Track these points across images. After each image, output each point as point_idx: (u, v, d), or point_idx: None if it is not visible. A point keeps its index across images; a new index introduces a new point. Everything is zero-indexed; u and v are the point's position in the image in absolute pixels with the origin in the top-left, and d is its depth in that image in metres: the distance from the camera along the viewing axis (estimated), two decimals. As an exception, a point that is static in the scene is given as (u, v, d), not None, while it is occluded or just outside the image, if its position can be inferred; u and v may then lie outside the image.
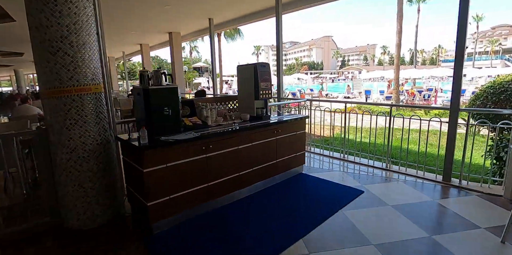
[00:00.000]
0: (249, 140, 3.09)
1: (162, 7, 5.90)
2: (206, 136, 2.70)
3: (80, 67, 2.52)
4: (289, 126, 3.52)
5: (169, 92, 2.67)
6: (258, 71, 3.29)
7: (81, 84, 2.54)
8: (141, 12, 6.24)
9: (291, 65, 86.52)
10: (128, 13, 6.30)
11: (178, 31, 8.47)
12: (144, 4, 5.66)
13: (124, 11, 6.12)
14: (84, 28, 2.52)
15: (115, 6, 5.69)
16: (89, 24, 2.56)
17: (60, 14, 2.40)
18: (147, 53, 11.14)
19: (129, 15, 6.52)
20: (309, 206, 2.95)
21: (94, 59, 2.62)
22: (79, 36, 2.49)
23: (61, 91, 2.49)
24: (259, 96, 3.35)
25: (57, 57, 2.44)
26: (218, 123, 3.17)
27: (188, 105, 3.21)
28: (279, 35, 5.07)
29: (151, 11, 6.24)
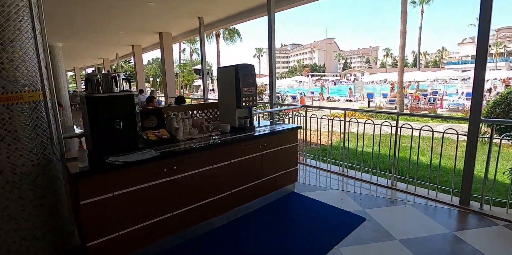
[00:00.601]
0: (227, 157, 2.56)
1: (146, 4, 5.41)
2: (169, 155, 2.18)
3: (6, 71, 2.00)
4: (278, 138, 2.99)
5: (122, 101, 2.14)
6: (239, 74, 2.76)
7: (8, 92, 2.02)
8: (125, 9, 5.76)
9: (293, 68, 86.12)
10: (113, 11, 5.83)
11: (168, 32, 7.99)
12: (125, 1, 5.18)
13: (108, 8, 5.64)
14: (11, 22, 2.00)
15: (95, 1, 5.21)
16: (19, 17, 2.05)
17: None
18: (140, 55, 10.68)
19: (113, 13, 6.04)
20: (297, 240, 2.40)
21: (28, 60, 2.11)
22: (4, 32, 1.98)
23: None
24: (241, 104, 2.82)
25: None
26: (190, 137, 2.64)
27: (155, 115, 2.68)
28: (272, 34, 4.56)
29: (135, 9, 5.76)
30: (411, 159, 3.55)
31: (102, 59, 15.16)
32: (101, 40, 9.35)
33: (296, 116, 4.50)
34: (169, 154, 2.19)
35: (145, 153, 2.14)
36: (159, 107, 2.77)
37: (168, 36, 8.09)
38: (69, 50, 10.81)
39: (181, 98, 4.63)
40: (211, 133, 2.78)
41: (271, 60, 4.58)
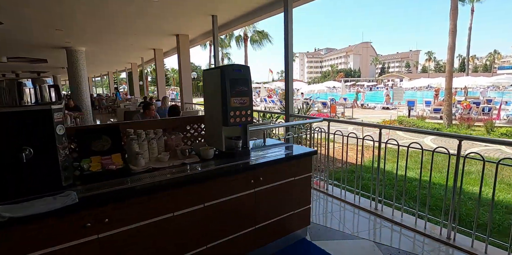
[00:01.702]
0: (201, 198, 1.76)
1: (151, 2, 4.87)
2: (96, 200, 1.43)
3: None
4: (281, 169, 2.13)
5: (31, 119, 1.44)
6: (226, 79, 1.97)
7: None
8: (136, 9, 5.30)
9: (326, 73, 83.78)
10: (127, 11, 5.40)
11: (185, 34, 7.48)
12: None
13: (120, 9, 5.22)
14: None
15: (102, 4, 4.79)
16: None
17: None
18: (161, 59, 10.38)
19: (128, 14, 5.62)
20: None
21: None
22: None
23: None
24: (229, 121, 2.01)
25: None
26: (151, 167, 1.88)
27: (110, 135, 1.97)
28: (288, 31, 3.74)
29: (147, 9, 5.27)
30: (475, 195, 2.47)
31: (130, 63, 15.31)
32: (123, 44, 9.14)
33: (316, 132, 3.58)
34: (97, 198, 1.44)
35: (61, 197, 1.41)
36: (114, 123, 2.05)
37: (185, 39, 7.58)
38: (94, 54, 10.84)
39: (175, 108, 3.93)
40: (185, 160, 2.01)
41: (287, 61, 3.74)
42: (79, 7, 5.06)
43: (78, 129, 1.88)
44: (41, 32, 6.90)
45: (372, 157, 3.16)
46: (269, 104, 21.12)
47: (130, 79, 18.09)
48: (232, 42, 25.21)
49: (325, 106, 18.08)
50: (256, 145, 2.55)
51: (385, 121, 12.27)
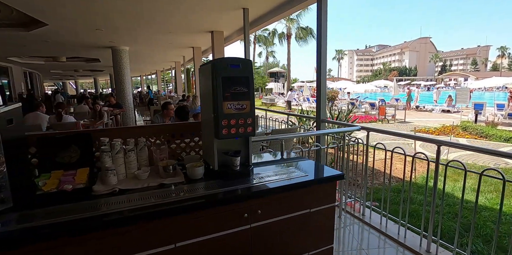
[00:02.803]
0: (169, 236, 1.32)
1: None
2: (8, 239, 1.07)
3: None
4: (291, 198, 1.59)
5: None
6: (217, 76, 1.49)
7: None
8: (166, 6, 5.12)
9: (378, 71, 78.58)
10: (163, 8, 5.27)
11: (220, 30, 7.19)
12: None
13: (149, 8, 5.10)
14: None
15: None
16: None
17: None
18: (199, 57, 10.32)
19: (158, 12, 5.50)
20: None
21: None
22: None
23: None
24: (220, 132, 1.54)
25: None
26: (118, 189, 1.49)
27: (79, 144, 1.63)
28: (322, 22, 3.13)
29: (175, 5, 5.05)
30: None
31: (174, 62, 15.72)
32: (163, 42, 9.23)
33: (352, 142, 2.92)
34: (9, 237, 1.08)
35: (-22, 231, 1.07)
36: (85, 131, 1.70)
37: (220, 35, 7.29)
38: (139, 53, 11.21)
39: (182, 109, 3.52)
40: (165, 180, 1.58)
41: (319, 57, 3.14)
42: (113, 5, 5.02)
43: (40, 137, 1.57)
44: (85, 33, 7.18)
45: (426, 172, 2.43)
46: (312, 104, 20.17)
47: (175, 77, 18.70)
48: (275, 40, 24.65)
49: (373, 107, 16.61)
50: (265, 161, 2.03)
51: (445, 127, 10.68)
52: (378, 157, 3.74)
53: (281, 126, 4.47)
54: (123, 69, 9.68)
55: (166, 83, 27.65)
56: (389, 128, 11.39)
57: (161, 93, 19.51)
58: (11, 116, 1.35)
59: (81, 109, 7.90)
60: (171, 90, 22.44)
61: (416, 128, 9.10)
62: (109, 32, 7.25)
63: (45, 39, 7.85)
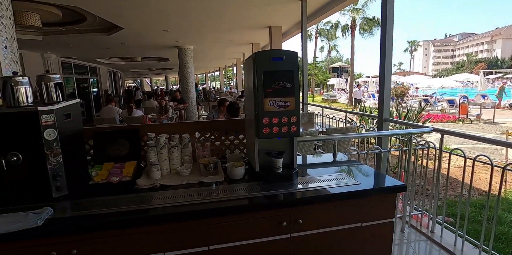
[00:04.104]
0: (203, 238, 1.27)
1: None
2: (58, 227, 1.14)
3: None
4: (339, 208, 1.40)
5: (16, 122, 1.26)
6: (259, 70, 1.38)
7: None
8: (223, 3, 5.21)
9: (460, 63, 68.74)
10: (214, 7, 5.42)
11: (277, 25, 7.04)
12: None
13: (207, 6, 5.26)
14: None
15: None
16: None
17: None
18: (258, 53, 10.34)
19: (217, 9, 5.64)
20: None
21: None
22: None
23: None
24: (261, 131, 1.42)
25: None
26: (159, 184, 1.50)
27: (128, 139, 1.70)
28: (388, 8, 2.74)
29: (232, 1, 5.10)
30: None
31: (235, 59, 16.16)
32: (224, 40, 9.52)
33: (422, 146, 2.51)
34: (65, 224, 1.15)
35: (34, 214, 1.17)
36: (133, 126, 1.76)
37: (278, 30, 7.15)
38: (202, 51, 11.80)
39: (233, 106, 3.45)
40: (204, 179, 1.54)
41: (383, 48, 2.77)
42: (178, 7, 5.30)
43: (96, 131, 1.68)
44: (154, 34, 7.80)
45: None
46: (377, 101, 18.67)
47: (236, 74, 19.28)
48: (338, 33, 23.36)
49: (452, 105, 14.52)
50: (314, 163, 1.85)
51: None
52: (454, 163, 3.20)
53: (338, 125, 4.15)
54: (187, 67, 10.31)
55: (228, 80, 28.76)
56: (472, 130, 9.79)
57: (223, 89, 20.34)
58: (69, 111, 1.45)
59: (150, 104, 8.69)
60: (231, 87, 23.26)
61: (509, 131, 7.59)
62: (175, 32, 7.74)
63: (123, 41, 8.80)
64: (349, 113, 4.75)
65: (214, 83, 37.30)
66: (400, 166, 2.59)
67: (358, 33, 19.47)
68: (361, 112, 5.89)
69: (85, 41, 8.45)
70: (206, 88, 26.53)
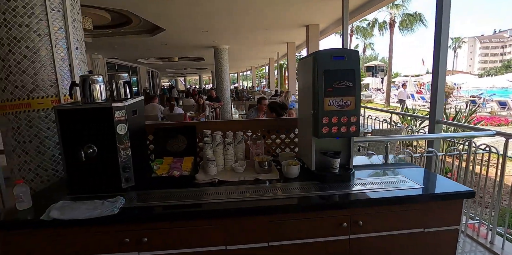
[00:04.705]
0: (263, 234, 1.29)
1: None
2: (134, 215, 1.22)
3: (14, 74, 1.68)
4: (401, 212, 1.35)
5: (94, 116, 1.37)
6: (319, 69, 1.37)
7: (15, 98, 1.70)
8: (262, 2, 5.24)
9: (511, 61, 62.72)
10: (253, 7, 5.48)
11: (315, 23, 6.94)
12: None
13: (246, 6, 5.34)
14: (18, 16, 1.64)
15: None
16: (29, 11, 1.66)
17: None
18: (293, 53, 10.28)
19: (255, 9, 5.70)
20: None
21: (39, 61, 1.72)
22: (11, 30, 1.65)
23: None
24: (320, 131, 1.41)
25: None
26: (217, 180, 1.55)
27: (185, 134, 1.77)
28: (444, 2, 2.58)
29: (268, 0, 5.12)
30: None
31: (268, 58, 16.20)
32: (259, 39, 9.58)
33: (482, 151, 2.34)
34: (136, 212, 1.23)
35: (109, 202, 1.27)
36: (191, 122, 1.83)
37: (315, 29, 7.05)
38: (237, 51, 11.98)
39: (278, 104, 3.44)
40: (260, 176, 1.57)
41: (438, 44, 2.61)
42: (216, 7, 5.43)
43: (157, 127, 1.78)
44: (193, 34, 8.06)
45: None
46: (417, 101, 17.66)
47: (268, 73, 19.31)
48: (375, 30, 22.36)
49: (504, 107, 13.34)
50: (368, 165, 1.80)
51: None
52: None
53: (382, 126, 3.99)
54: (223, 67, 10.53)
55: (260, 79, 28.94)
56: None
57: (255, 88, 20.48)
58: (136, 107, 1.55)
59: (188, 102, 8.99)
60: (264, 86, 23.33)
61: None
62: (213, 32, 7.94)
63: (163, 42, 9.20)
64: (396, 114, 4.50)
65: (246, 83, 37.64)
66: (455, 171, 2.43)
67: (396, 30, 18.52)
68: (411, 114, 5.58)
69: (129, 42, 8.95)
70: (238, 87, 26.88)
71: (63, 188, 1.51)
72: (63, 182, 1.65)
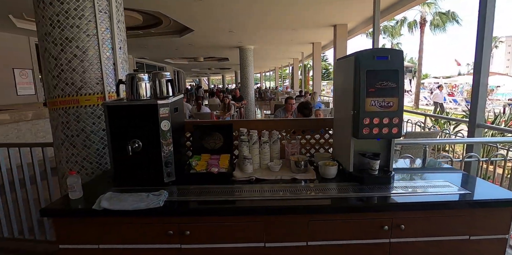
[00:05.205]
0: (302, 233, 1.29)
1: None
2: (178, 209, 1.27)
3: (65, 72, 1.80)
4: (444, 218, 1.30)
5: (140, 113, 1.43)
6: (361, 70, 1.35)
7: (66, 95, 1.82)
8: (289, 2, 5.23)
9: (555, 62, 58.09)
10: (279, 7, 5.48)
11: (343, 23, 6.81)
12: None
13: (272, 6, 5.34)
14: (70, 18, 1.76)
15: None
16: (80, 13, 1.77)
17: (44, 4, 1.76)
18: (319, 53, 10.15)
19: (281, 9, 5.69)
20: None
21: (87, 60, 1.83)
22: (63, 31, 1.76)
23: (50, 103, 1.91)
24: (361, 131, 1.39)
25: (45, 60, 1.84)
26: (255, 177, 1.57)
27: (222, 132, 1.81)
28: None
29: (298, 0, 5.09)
30: None
31: (292, 58, 16.10)
32: (284, 39, 9.56)
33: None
34: (181, 206, 1.28)
35: (153, 196, 1.33)
36: (228, 121, 1.86)
37: (343, 29, 6.91)
38: (261, 51, 12.01)
39: (304, 106, 3.37)
40: (297, 175, 1.57)
41: (481, 43, 2.48)
42: (244, 8, 5.48)
43: (195, 124, 1.83)
44: (220, 35, 8.18)
45: None
46: (448, 104, 16.83)
47: (292, 74, 19.21)
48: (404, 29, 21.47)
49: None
50: (408, 168, 1.75)
51: None
52: None
53: (414, 128, 3.85)
54: (247, 67, 10.61)
55: (283, 80, 28.85)
56: None
57: (278, 89, 20.43)
58: (177, 105, 1.61)
59: (213, 102, 9.15)
60: (287, 86, 23.21)
61: None
62: (239, 33, 8.02)
63: (191, 42, 9.42)
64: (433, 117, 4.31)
65: (269, 83, 37.62)
66: (496, 177, 2.31)
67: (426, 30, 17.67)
68: (454, 118, 5.31)
69: (158, 42, 9.25)
70: (261, 87, 26.94)
71: (108, 180, 1.59)
72: (106, 174, 1.75)
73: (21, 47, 7.40)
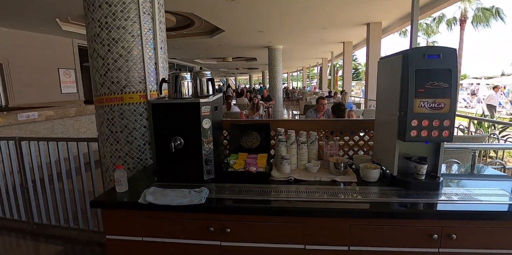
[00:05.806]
0: (344, 237, 1.26)
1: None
2: (218, 206, 1.28)
3: (111, 71, 1.89)
4: (499, 228, 1.20)
5: (182, 111, 1.47)
6: (410, 69, 1.28)
7: (111, 93, 1.92)
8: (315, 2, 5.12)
9: None
10: (310, 6, 5.39)
11: (377, 21, 6.55)
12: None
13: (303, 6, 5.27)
14: (117, 20, 1.84)
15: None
16: (126, 14, 1.85)
17: (93, 7, 1.86)
18: (350, 52, 9.85)
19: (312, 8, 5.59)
20: None
21: (132, 60, 1.91)
22: (110, 32, 1.85)
23: (96, 101, 2.01)
24: (408, 134, 1.32)
25: (93, 60, 1.95)
26: (293, 178, 1.55)
27: (259, 132, 1.81)
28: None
29: None
30: None
31: (321, 58, 15.81)
32: (314, 39, 9.40)
33: None
34: (222, 204, 1.29)
35: (195, 192, 1.36)
36: (265, 120, 1.86)
37: (377, 27, 6.65)
38: (290, 51, 11.92)
39: (338, 107, 3.26)
40: (337, 177, 1.53)
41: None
42: (275, 7, 5.45)
43: (233, 123, 1.84)
44: (250, 35, 8.22)
45: None
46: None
47: (320, 74, 18.88)
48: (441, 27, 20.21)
49: None
50: (455, 174, 1.65)
51: None
52: None
53: (457, 132, 3.61)
54: (276, 67, 10.58)
55: (310, 80, 28.48)
56: None
57: (306, 89, 20.18)
58: (217, 104, 1.63)
59: (242, 101, 9.22)
60: (315, 87, 22.86)
61: None
62: (269, 33, 8.00)
63: (220, 43, 9.55)
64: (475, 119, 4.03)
65: (297, 83, 37.26)
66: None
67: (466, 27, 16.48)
68: (496, 120, 4.96)
69: (189, 43, 9.49)
70: (288, 88, 26.74)
71: (149, 175, 1.65)
72: (148, 170, 1.82)
73: (66, 48, 7.94)
